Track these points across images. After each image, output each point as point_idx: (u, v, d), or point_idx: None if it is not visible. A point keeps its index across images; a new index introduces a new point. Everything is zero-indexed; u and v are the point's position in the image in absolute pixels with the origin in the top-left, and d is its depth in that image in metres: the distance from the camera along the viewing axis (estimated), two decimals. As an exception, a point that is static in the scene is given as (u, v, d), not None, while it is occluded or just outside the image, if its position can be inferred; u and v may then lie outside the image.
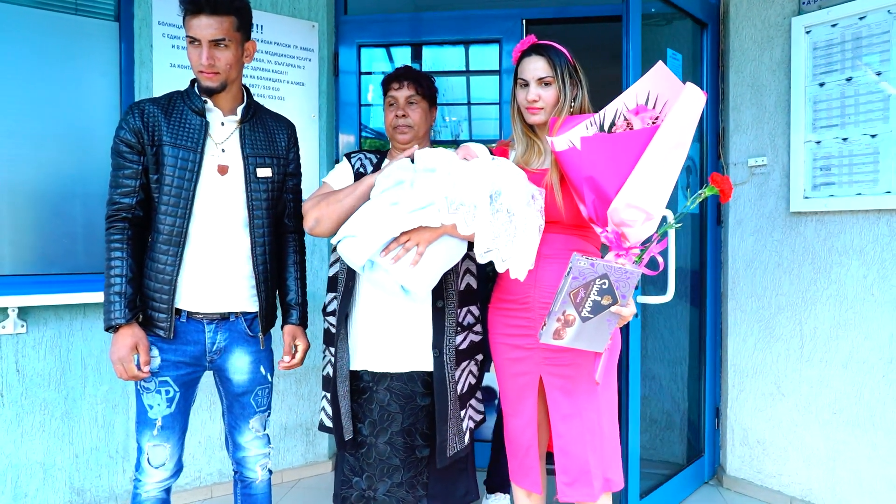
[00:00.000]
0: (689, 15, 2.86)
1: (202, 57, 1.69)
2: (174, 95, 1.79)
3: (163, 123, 1.72)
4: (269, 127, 1.89)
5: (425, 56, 3.65)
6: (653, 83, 1.56)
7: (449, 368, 1.78)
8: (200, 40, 1.68)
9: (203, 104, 1.76)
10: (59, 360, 2.57)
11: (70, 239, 2.67)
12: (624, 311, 1.52)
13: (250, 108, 1.84)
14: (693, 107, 1.48)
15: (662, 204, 1.51)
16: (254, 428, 1.91)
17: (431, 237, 1.57)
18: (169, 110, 1.74)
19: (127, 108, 1.74)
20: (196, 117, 1.75)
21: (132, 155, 1.70)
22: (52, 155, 2.62)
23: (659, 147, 1.47)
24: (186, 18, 1.69)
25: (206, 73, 1.71)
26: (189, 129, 1.74)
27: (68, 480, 2.60)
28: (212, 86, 1.73)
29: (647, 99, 1.56)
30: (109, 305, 1.67)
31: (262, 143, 1.85)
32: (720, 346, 3.03)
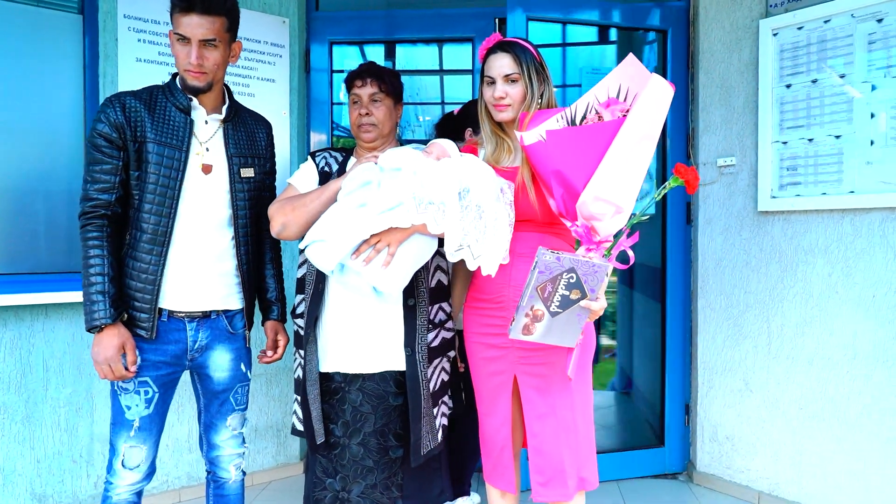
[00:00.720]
0: (641, 29, 2.93)
1: (191, 56, 1.65)
2: (154, 90, 1.74)
3: (146, 119, 1.67)
4: (250, 126, 1.88)
5: (399, 54, 3.64)
6: (624, 76, 1.56)
7: (421, 367, 1.77)
8: (190, 39, 1.65)
9: (189, 102, 1.73)
10: (19, 362, 2.49)
11: (32, 237, 2.59)
12: (593, 305, 1.52)
13: (232, 108, 1.83)
14: (660, 99, 1.49)
15: (632, 197, 1.51)
16: (231, 426, 1.89)
17: (402, 237, 1.55)
18: (152, 106, 1.70)
19: (105, 101, 1.68)
20: (180, 115, 1.72)
21: (112, 150, 1.65)
22: (13, 150, 2.54)
23: (626, 139, 1.47)
24: (176, 15, 1.65)
25: (193, 72, 1.67)
26: (174, 126, 1.70)
27: (29, 486, 2.52)
28: (198, 85, 1.70)
29: (618, 92, 1.56)
30: (92, 305, 1.61)
31: (244, 142, 1.83)
32: (690, 344, 3.07)
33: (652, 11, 3.04)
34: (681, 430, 3.10)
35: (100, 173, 1.65)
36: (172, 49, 1.69)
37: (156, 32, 2.75)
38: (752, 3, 2.79)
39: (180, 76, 1.72)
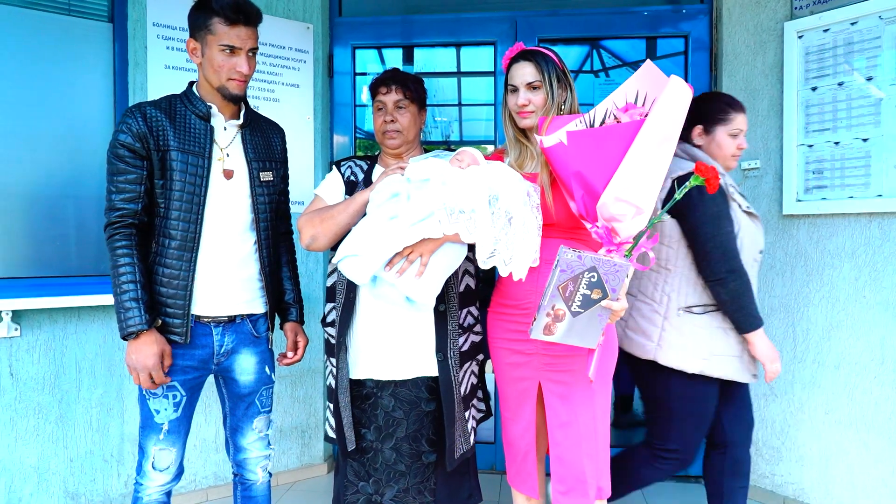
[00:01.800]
0: (662, 37, 2.94)
1: (244, 66, 1.70)
2: (172, 99, 1.77)
3: (168, 128, 1.69)
4: (266, 132, 1.91)
5: (417, 57, 3.65)
6: (642, 82, 1.57)
7: (454, 372, 1.78)
8: (241, 49, 1.69)
9: (208, 109, 1.75)
10: (53, 363, 2.55)
11: (63, 241, 2.65)
12: (615, 305, 1.52)
13: (248, 114, 1.86)
14: (679, 100, 1.49)
15: (653, 198, 1.52)
16: (257, 428, 1.92)
17: (434, 247, 1.57)
18: (172, 114, 1.72)
19: (126, 112, 1.70)
20: (200, 122, 1.75)
21: (135, 160, 1.67)
22: (45, 157, 2.59)
23: (646, 140, 1.48)
24: (223, 27, 1.67)
25: (239, 80, 1.72)
26: (195, 133, 1.73)
27: (62, 485, 2.58)
28: (240, 94, 1.75)
29: (636, 97, 1.57)
30: (126, 312, 1.63)
31: (261, 147, 1.86)
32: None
33: (673, 15, 3.03)
34: (704, 434, 3.09)
35: (124, 183, 1.67)
36: (215, 59, 1.70)
37: (184, 40, 2.79)
38: (777, 5, 2.77)
39: (218, 85, 1.74)
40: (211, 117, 1.76)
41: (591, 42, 3.45)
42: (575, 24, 3.13)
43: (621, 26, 3.12)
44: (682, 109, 1.51)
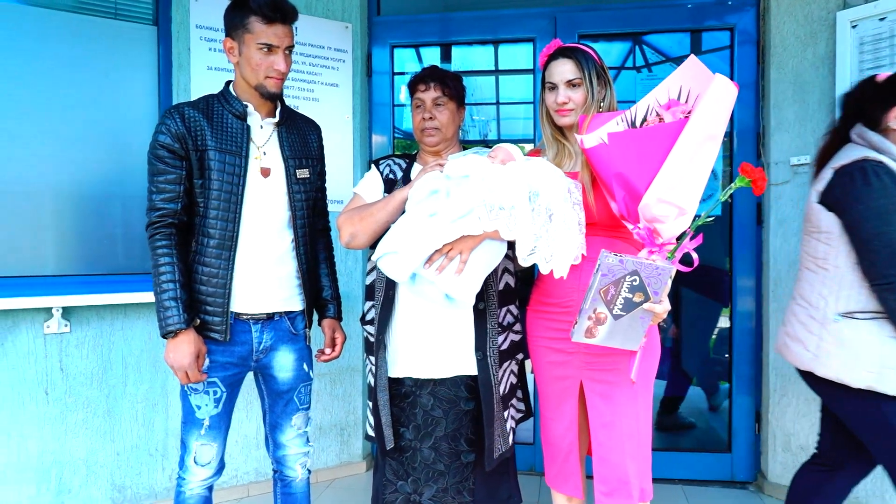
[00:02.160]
0: (706, 29, 2.93)
1: (281, 64, 1.72)
2: (209, 99, 1.79)
3: (206, 128, 1.71)
4: (302, 129, 1.92)
5: (454, 55, 3.64)
6: (685, 77, 1.53)
7: (493, 371, 1.76)
8: (279, 47, 1.71)
9: (244, 108, 1.77)
10: (100, 359, 2.61)
11: (110, 240, 2.71)
12: (657, 308, 1.49)
13: (284, 111, 1.87)
14: (723, 98, 1.45)
15: (696, 198, 1.48)
16: (296, 425, 1.93)
17: (473, 244, 1.56)
18: (209, 114, 1.74)
19: (165, 113, 1.72)
20: (237, 121, 1.76)
21: (175, 160, 1.69)
22: (92, 157, 2.66)
23: (689, 140, 1.44)
24: (261, 25, 1.69)
25: (277, 78, 1.73)
26: (232, 132, 1.74)
27: (110, 477, 2.64)
28: (278, 91, 1.76)
29: (679, 94, 1.53)
30: (165, 311, 1.65)
31: (298, 145, 1.87)
32: (760, 349, 2.97)
33: (718, 7, 2.95)
34: (750, 438, 3.01)
35: (164, 183, 1.69)
36: (253, 58, 1.71)
37: (226, 41, 2.83)
38: (829, -6, 2.68)
39: (256, 84, 1.74)
40: (247, 116, 1.78)
41: (633, 37, 3.38)
42: (616, 19, 3.08)
43: (664, 20, 3.05)
44: (726, 108, 1.47)
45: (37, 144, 2.55)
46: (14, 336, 2.45)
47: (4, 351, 2.43)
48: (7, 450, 2.44)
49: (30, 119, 2.53)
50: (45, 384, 2.51)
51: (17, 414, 2.46)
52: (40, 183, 2.56)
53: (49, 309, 2.48)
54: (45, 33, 2.56)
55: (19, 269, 2.52)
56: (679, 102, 1.52)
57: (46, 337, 2.50)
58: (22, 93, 2.52)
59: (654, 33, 3.29)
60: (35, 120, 2.54)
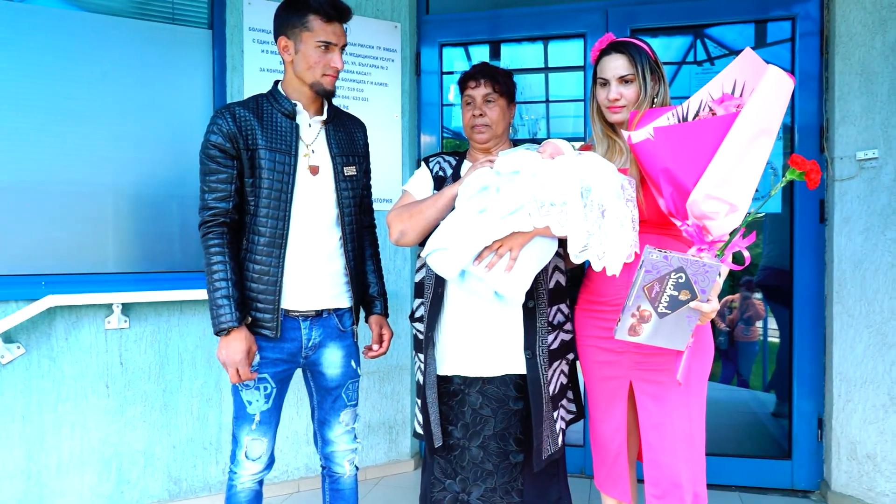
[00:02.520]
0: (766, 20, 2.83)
1: (338, 62, 1.75)
2: (259, 98, 1.82)
3: (256, 127, 1.73)
4: (349, 127, 1.93)
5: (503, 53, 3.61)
6: (741, 70, 1.47)
7: (542, 370, 1.74)
8: (336, 45, 1.75)
9: (293, 107, 1.79)
10: (157, 354, 2.69)
11: (167, 238, 2.79)
12: (704, 306, 1.44)
13: (332, 110, 1.89)
14: (778, 91, 1.39)
15: (748, 195, 1.42)
16: (343, 422, 1.94)
17: (524, 241, 1.53)
18: (259, 114, 1.76)
19: (216, 113, 1.75)
20: (286, 120, 1.78)
21: (226, 160, 1.72)
22: (150, 158, 2.75)
23: (740, 134, 1.38)
24: (320, 23, 1.72)
25: (333, 76, 1.77)
26: (281, 131, 1.76)
27: (166, 469, 2.71)
28: (332, 89, 1.79)
29: (733, 87, 1.47)
30: (218, 309, 1.69)
31: (345, 142, 1.88)
32: (823, 353, 2.84)
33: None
34: (812, 445, 2.88)
35: (216, 183, 1.72)
36: (310, 56, 1.74)
37: (278, 42, 2.88)
38: (899, -20, 2.54)
39: (312, 81, 1.76)
40: (296, 115, 1.80)
41: (694, 31, 3.28)
42: (670, 12, 2.99)
43: (721, 11, 2.95)
44: (782, 101, 1.41)
45: (98, 146, 2.64)
46: (77, 331, 2.54)
47: (69, 345, 2.53)
48: (71, 440, 2.54)
49: (91, 122, 2.63)
50: (105, 378, 2.59)
51: (80, 406, 2.55)
52: (101, 184, 2.65)
53: (110, 305, 2.56)
54: (107, 39, 2.65)
55: (82, 267, 2.62)
56: (732, 97, 1.47)
57: (107, 332, 2.59)
58: (84, 97, 2.62)
59: (709, 26, 3.19)
60: (96, 123, 2.64)
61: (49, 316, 2.49)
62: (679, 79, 3.39)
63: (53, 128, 2.56)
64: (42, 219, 2.55)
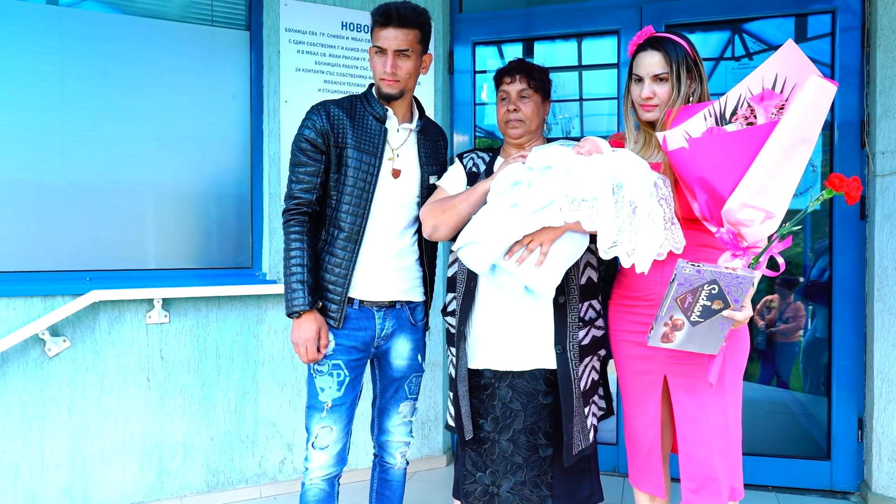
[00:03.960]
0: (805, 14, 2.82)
1: (386, 65, 1.80)
2: (354, 99, 1.91)
3: (348, 127, 1.83)
4: (433, 137, 2.01)
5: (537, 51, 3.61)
6: (782, 64, 1.45)
7: (573, 365, 1.74)
8: (387, 49, 1.80)
9: (384, 111, 1.87)
10: (196, 348, 2.76)
11: (207, 236, 2.86)
12: (737, 315, 1.45)
13: (424, 119, 1.97)
14: (819, 99, 1.36)
15: (785, 202, 1.41)
16: (402, 413, 2.00)
17: (554, 236, 1.54)
18: (352, 114, 1.86)
19: (312, 109, 1.85)
20: (376, 123, 1.87)
21: (316, 154, 1.81)
22: (191, 157, 2.82)
23: (778, 143, 1.36)
24: (375, 29, 1.82)
25: (388, 80, 1.82)
26: (370, 133, 1.85)
27: (205, 461, 2.78)
28: (391, 92, 1.84)
29: (773, 83, 1.45)
30: (292, 293, 1.78)
31: (431, 152, 1.97)
32: (864, 352, 2.79)
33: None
34: (852, 446, 2.82)
35: (304, 174, 1.82)
36: (371, 62, 1.85)
37: (313, 43, 2.93)
38: (944, -30, 2.48)
39: (376, 85, 1.86)
40: (386, 119, 1.88)
41: (731, 25, 3.24)
42: (706, 7, 2.96)
43: (759, 5, 2.91)
44: (822, 109, 1.38)
45: (140, 147, 2.72)
46: (120, 325, 2.62)
47: (111, 339, 2.61)
48: (114, 431, 2.62)
49: (135, 122, 2.71)
50: (146, 371, 2.67)
51: (123, 398, 2.63)
52: (143, 182, 2.73)
53: (151, 300, 2.64)
54: (149, 42, 2.73)
55: (124, 263, 2.71)
56: (774, 94, 1.44)
57: (148, 327, 2.67)
58: (129, 98, 2.70)
59: (747, 21, 3.14)
60: (139, 123, 2.72)
61: (93, 310, 2.57)
62: (716, 75, 3.35)
63: (98, 129, 2.65)
64: (87, 217, 2.64)
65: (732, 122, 1.48)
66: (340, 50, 2.99)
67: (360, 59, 3.04)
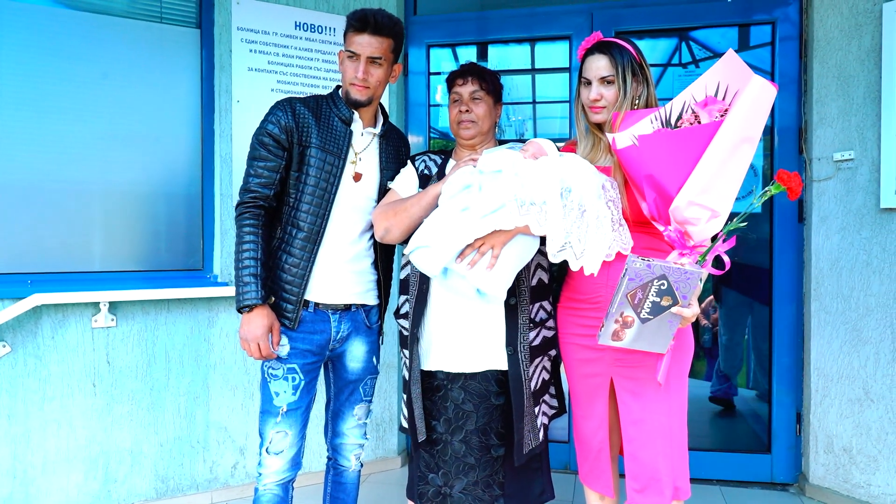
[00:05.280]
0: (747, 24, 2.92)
1: (358, 71, 1.80)
2: (319, 99, 1.90)
3: (313, 126, 1.82)
4: (396, 143, 2.02)
5: (491, 55, 3.65)
6: (723, 73, 1.50)
7: (524, 366, 1.77)
8: (360, 55, 1.80)
9: (351, 114, 1.88)
10: (145, 352, 2.70)
11: (155, 237, 2.80)
12: (685, 311, 1.49)
13: (387, 125, 1.98)
14: (761, 100, 1.43)
15: (730, 201, 1.47)
16: (357, 415, 2.00)
17: (505, 239, 1.56)
18: (318, 114, 1.85)
19: (277, 104, 1.84)
20: (342, 125, 1.87)
21: (278, 150, 1.80)
22: (138, 157, 2.75)
23: (723, 143, 1.42)
24: (349, 34, 1.81)
25: (358, 86, 1.82)
26: (336, 135, 1.85)
27: (154, 468, 2.72)
28: (360, 99, 1.84)
29: (716, 90, 1.50)
30: (244, 286, 1.75)
31: (392, 157, 1.98)
32: (802, 349, 2.91)
33: (759, 0, 2.90)
34: (791, 439, 2.95)
35: (263, 169, 1.80)
36: (341, 66, 1.85)
37: (266, 42, 2.90)
38: (875, -15, 2.61)
39: (344, 90, 1.86)
40: (352, 122, 1.88)
41: (679, 34, 3.34)
42: (655, 15, 3.04)
43: (704, 15, 3.01)
44: (764, 110, 1.45)
45: (86, 145, 2.64)
46: (64, 330, 2.54)
47: (55, 344, 2.53)
48: (57, 439, 2.54)
49: (80, 120, 2.63)
50: (92, 376, 2.60)
51: (67, 405, 2.55)
52: (89, 182, 2.65)
53: (97, 303, 2.57)
54: (95, 37, 2.65)
55: (69, 265, 2.62)
56: (716, 100, 1.49)
57: (94, 331, 2.59)
58: (73, 95, 2.62)
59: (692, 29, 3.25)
60: (84, 121, 2.64)
61: (35, 315, 2.49)
62: (664, 81, 3.45)
63: (41, 126, 2.56)
64: (29, 217, 2.55)
65: (678, 127, 1.53)
66: (294, 50, 2.96)
67: (315, 59, 3.02)
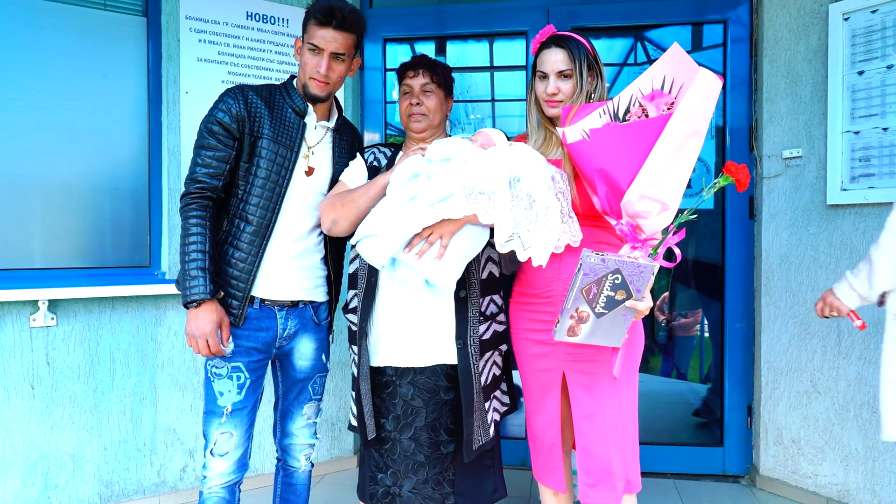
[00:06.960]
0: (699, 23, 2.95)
1: (321, 66, 1.75)
2: (272, 89, 1.84)
3: (266, 117, 1.76)
4: (349, 138, 1.98)
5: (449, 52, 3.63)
6: (669, 67, 1.52)
7: (473, 359, 1.75)
8: (324, 49, 1.74)
9: (306, 107, 1.82)
10: (87, 353, 2.59)
11: (99, 233, 2.69)
12: (639, 305, 1.50)
13: (342, 119, 1.93)
14: (707, 93, 1.44)
15: (679, 194, 1.48)
16: (306, 415, 1.95)
17: (454, 228, 1.54)
18: (271, 104, 1.79)
19: (228, 92, 1.76)
20: (296, 117, 1.81)
21: (228, 139, 1.73)
22: (81, 150, 2.64)
23: (672, 136, 1.43)
24: (312, 26, 1.75)
25: (319, 81, 1.77)
26: (289, 126, 1.79)
27: (97, 472, 2.62)
28: (319, 94, 1.80)
29: (662, 83, 1.52)
30: (191, 280, 1.67)
31: (345, 152, 1.94)
32: (752, 343, 2.96)
33: (711, 0, 2.95)
34: (742, 432, 3.00)
35: (212, 159, 1.72)
36: (300, 57, 1.80)
37: (216, 32, 2.82)
38: (821, -14, 2.67)
39: (302, 82, 1.80)
40: (306, 115, 1.82)
41: (634, 33, 3.37)
42: (610, 12, 3.06)
43: (658, 13, 3.04)
44: (711, 103, 1.46)
45: (24, 136, 2.53)
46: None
47: (-10, 344, 2.41)
48: (-8, 444, 2.42)
49: (17, 110, 2.51)
50: (30, 378, 2.48)
51: (2, 408, 2.44)
52: (28, 175, 2.54)
53: (35, 302, 2.45)
54: (34, 23, 2.54)
55: (5, 262, 2.50)
56: (663, 93, 1.51)
57: (32, 330, 2.48)
58: (9, 83, 2.50)
59: (648, 28, 3.28)
60: (23, 111, 2.52)
61: (-31, 313, 2.37)
62: (620, 80, 3.47)
63: (-26, 116, 2.44)
64: (-39, 212, 2.42)
65: (626, 121, 1.53)
66: (245, 41, 2.89)
67: (267, 51, 2.95)
